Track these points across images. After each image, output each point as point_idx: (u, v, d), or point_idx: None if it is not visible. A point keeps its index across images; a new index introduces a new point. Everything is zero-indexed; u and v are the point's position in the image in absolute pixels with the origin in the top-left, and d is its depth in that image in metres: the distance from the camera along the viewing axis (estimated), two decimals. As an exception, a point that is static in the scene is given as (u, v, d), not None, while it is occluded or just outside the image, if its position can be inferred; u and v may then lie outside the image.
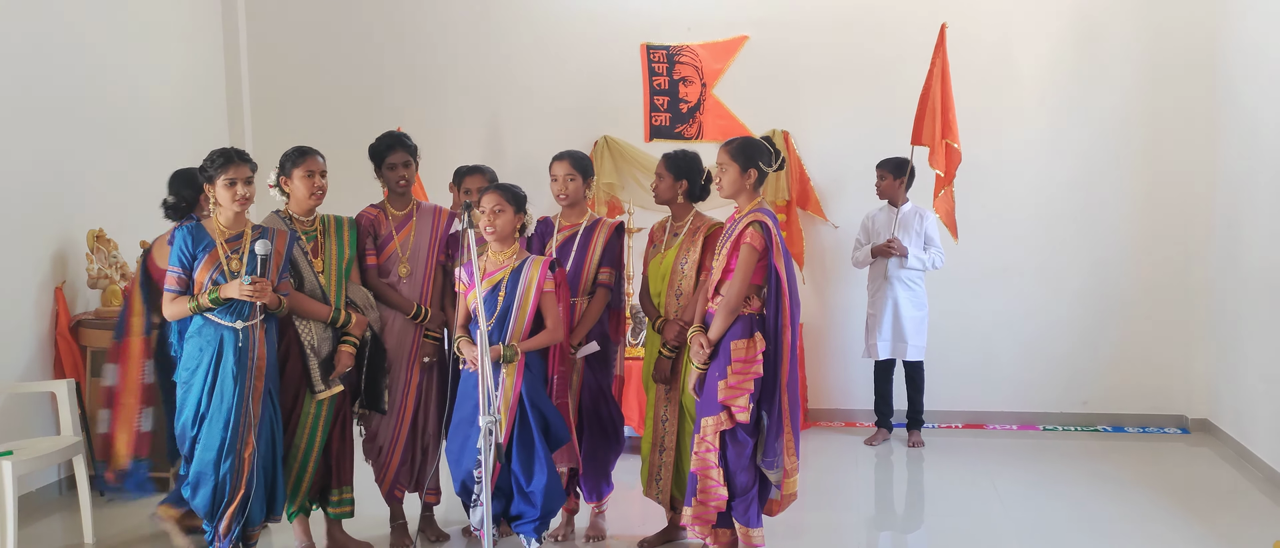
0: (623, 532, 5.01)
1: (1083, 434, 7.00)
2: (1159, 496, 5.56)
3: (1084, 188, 7.07)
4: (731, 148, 4.38)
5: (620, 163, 7.34)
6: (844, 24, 7.20)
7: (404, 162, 4.75)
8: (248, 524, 4.25)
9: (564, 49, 7.46)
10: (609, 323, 4.89)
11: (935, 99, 6.31)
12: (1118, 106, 7.01)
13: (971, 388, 7.21)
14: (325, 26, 7.64)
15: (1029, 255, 7.15)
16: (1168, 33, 6.91)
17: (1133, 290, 7.08)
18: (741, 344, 4.23)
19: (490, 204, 4.33)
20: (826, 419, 7.34)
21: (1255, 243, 6.10)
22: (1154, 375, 7.08)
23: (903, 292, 6.54)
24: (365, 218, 4.78)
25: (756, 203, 4.38)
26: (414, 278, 4.77)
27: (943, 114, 6.28)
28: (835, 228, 7.25)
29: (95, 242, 5.93)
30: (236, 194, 4.18)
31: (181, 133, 6.87)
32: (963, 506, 5.59)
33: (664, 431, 4.69)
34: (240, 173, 4.19)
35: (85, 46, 6.05)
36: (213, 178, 4.20)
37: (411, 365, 4.77)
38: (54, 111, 5.79)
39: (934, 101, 6.32)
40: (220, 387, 4.14)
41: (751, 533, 4.33)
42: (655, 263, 4.75)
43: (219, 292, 4.12)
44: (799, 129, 7.23)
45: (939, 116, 6.29)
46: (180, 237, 4.22)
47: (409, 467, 4.85)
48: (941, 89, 6.29)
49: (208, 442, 4.15)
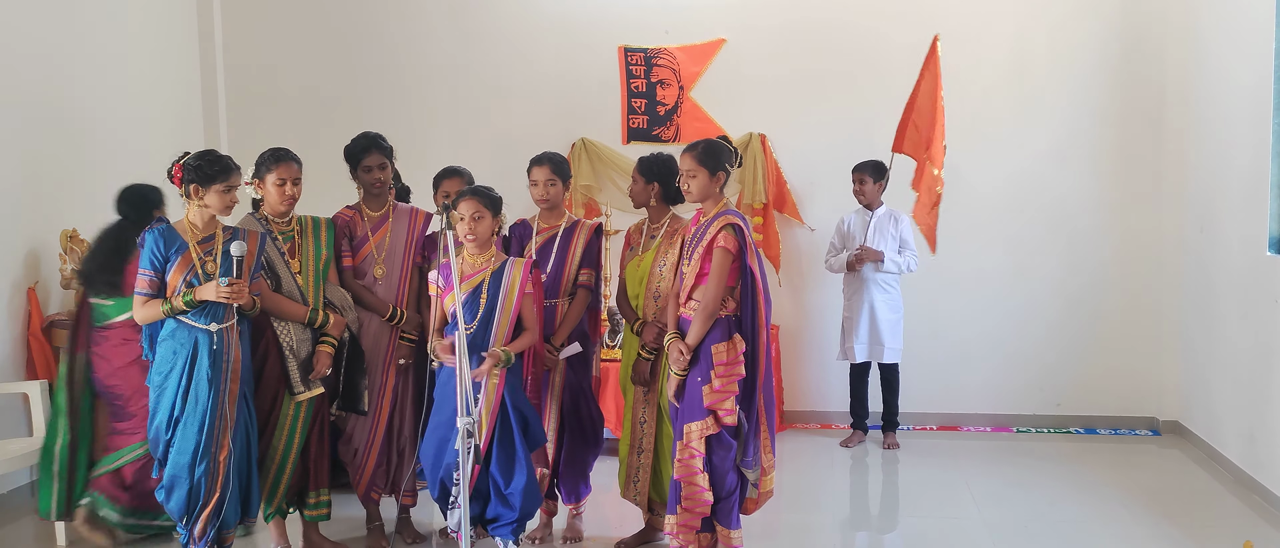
0: (600, 533, 5.01)
1: (1055, 436, 7.06)
2: (1130, 497, 5.62)
3: (1056, 192, 7.13)
4: (697, 153, 4.36)
5: (598, 165, 7.34)
6: (821, 28, 7.24)
7: (380, 163, 4.73)
8: (222, 527, 4.23)
9: (541, 51, 7.46)
10: (588, 324, 4.90)
11: (924, 113, 6.33)
12: (1089, 111, 7.07)
13: (946, 390, 7.25)
14: (301, 28, 7.61)
15: (1002, 259, 7.20)
16: (1138, 37, 6.99)
17: (1105, 294, 7.15)
18: (722, 348, 4.23)
19: (469, 210, 4.30)
20: (802, 421, 7.36)
21: (1226, 247, 6.17)
22: (1126, 378, 7.15)
23: (879, 294, 6.58)
24: (341, 219, 4.77)
25: (723, 204, 4.39)
26: (390, 279, 4.76)
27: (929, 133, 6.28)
28: (811, 231, 7.28)
29: (68, 242, 5.89)
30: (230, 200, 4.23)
31: (156, 133, 6.83)
32: (937, 507, 5.63)
33: (642, 432, 4.70)
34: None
35: (58, 46, 6.00)
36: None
37: (387, 367, 4.76)
38: (27, 112, 5.74)
39: (922, 116, 6.34)
40: (195, 390, 4.12)
41: (731, 535, 4.34)
42: (633, 265, 4.76)
43: (194, 294, 4.10)
44: (775, 132, 7.26)
45: (925, 134, 6.31)
46: (151, 239, 4.18)
47: (385, 469, 4.84)
48: (932, 106, 6.30)
49: (182, 445, 4.13)
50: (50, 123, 5.92)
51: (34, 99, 5.80)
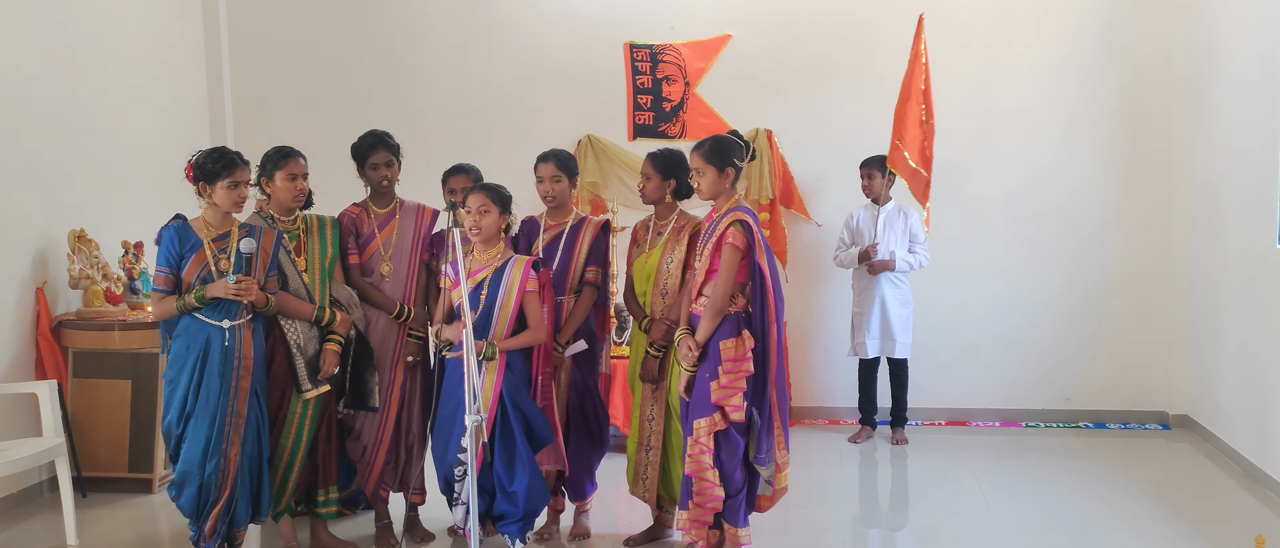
0: (607, 531, 5.01)
1: (1064, 431, 7.04)
2: (1140, 491, 5.61)
3: (1064, 185, 7.11)
4: (704, 151, 4.37)
5: (604, 162, 7.34)
6: (826, 23, 7.22)
7: (386, 161, 4.74)
8: (233, 525, 4.24)
9: (547, 48, 7.46)
10: (595, 321, 4.90)
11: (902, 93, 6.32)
12: (1096, 103, 7.06)
13: (954, 385, 7.24)
14: (307, 26, 7.61)
15: (1010, 252, 7.19)
16: (1145, 28, 6.96)
17: (1114, 287, 7.13)
18: (730, 344, 4.24)
19: (476, 204, 4.33)
20: (810, 417, 7.36)
21: (1234, 239, 6.15)
22: (1135, 372, 7.14)
23: (889, 290, 6.57)
24: (347, 217, 4.78)
25: (734, 200, 4.39)
26: (397, 277, 4.76)
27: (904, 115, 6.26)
28: (818, 226, 7.27)
29: (76, 242, 5.90)
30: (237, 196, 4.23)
31: (163, 132, 6.84)
32: (946, 502, 5.62)
33: (650, 429, 4.70)
34: (244, 175, 4.25)
35: (66, 45, 6.00)
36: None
37: (395, 365, 4.76)
38: (35, 111, 5.75)
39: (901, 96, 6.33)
40: (205, 386, 4.14)
41: (739, 533, 4.34)
42: (640, 262, 4.75)
43: (205, 291, 4.12)
44: (782, 128, 7.24)
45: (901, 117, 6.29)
46: (167, 236, 4.21)
47: (393, 466, 4.84)
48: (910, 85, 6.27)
49: (193, 441, 4.14)
50: (58, 125, 5.92)
51: (42, 101, 5.81)
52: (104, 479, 5.73)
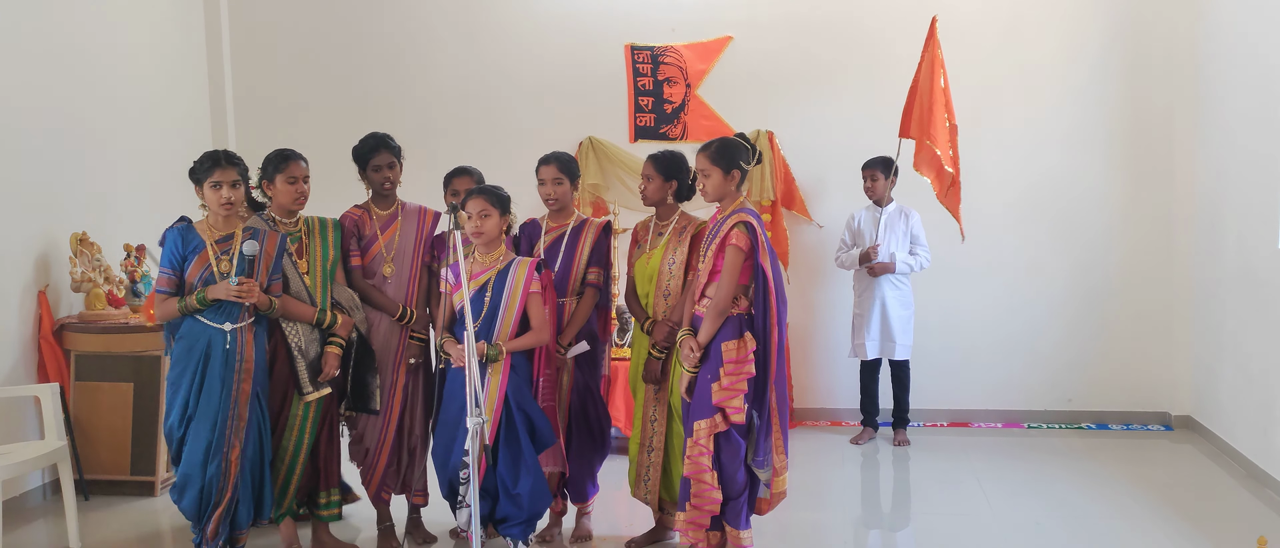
0: (609, 533, 5.01)
1: (1067, 432, 7.04)
2: (1143, 492, 5.60)
3: (1066, 186, 7.11)
4: (710, 153, 4.37)
5: (605, 164, 7.34)
6: (827, 24, 7.22)
7: (388, 163, 4.74)
8: (235, 527, 4.24)
9: (548, 50, 7.46)
10: (597, 322, 4.90)
11: (924, 94, 6.31)
12: (1099, 104, 7.05)
13: (956, 386, 7.24)
14: (308, 27, 7.62)
15: (1012, 254, 7.18)
16: (1148, 30, 6.96)
17: (1116, 288, 7.12)
18: (732, 346, 4.23)
19: (477, 208, 4.33)
20: (812, 419, 7.35)
21: (1236, 240, 6.15)
22: (1137, 373, 7.13)
23: (890, 291, 6.57)
24: (349, 219, 4.78)
25: (739, 202, 4.39)
26: (399, 279, 4.76)
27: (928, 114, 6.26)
28: (820, 227, 7.27)
29: (78, 245, 5.90)
30: (222, 197, 4.19)
31: (165, 136, 6.85)
32: (949, 503, 5.62)
33: (652, 431, 4.69)
34: (226, 176, 4.20)
35: (69, 51, 6.01)
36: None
37: (397, 367, 4.76)
38: (37, 115, 5.75)
39: (923, 97, 6.32)
40: (207, 388, 4.14)
41: (740, 535, 4.34)
42: (641, 263, 4.75)
43: (207, 293, 4.12)
44: (783, 129, 7.24)
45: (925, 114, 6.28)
46: (171, 237, 4.22)
47: (396, 468, 4.84)
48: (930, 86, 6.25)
49: (195, 444, 4.14)
50: (61, 129, 5.93)
51: (45, 106, 5.81)
52: (106, 482, 5.74)
